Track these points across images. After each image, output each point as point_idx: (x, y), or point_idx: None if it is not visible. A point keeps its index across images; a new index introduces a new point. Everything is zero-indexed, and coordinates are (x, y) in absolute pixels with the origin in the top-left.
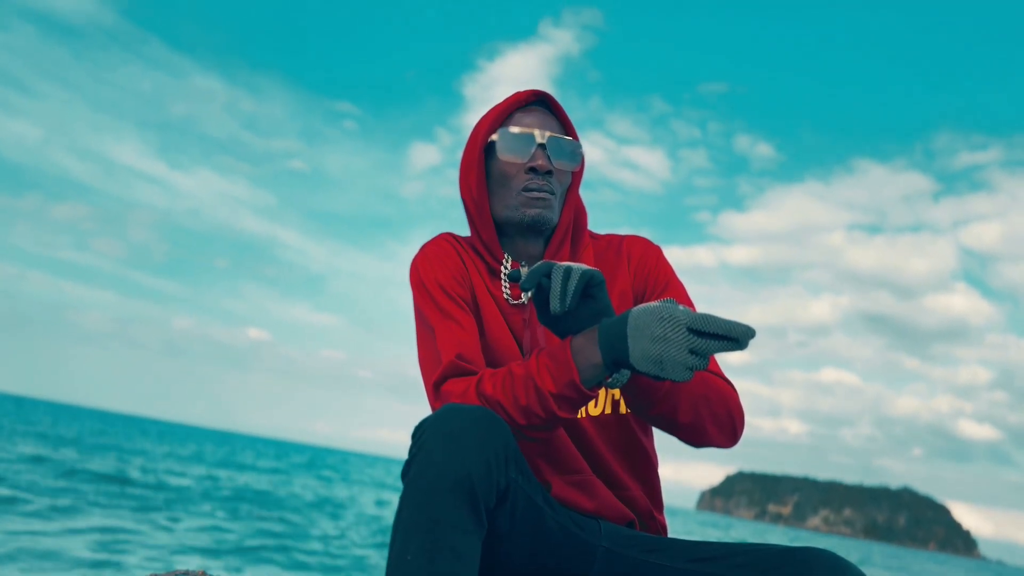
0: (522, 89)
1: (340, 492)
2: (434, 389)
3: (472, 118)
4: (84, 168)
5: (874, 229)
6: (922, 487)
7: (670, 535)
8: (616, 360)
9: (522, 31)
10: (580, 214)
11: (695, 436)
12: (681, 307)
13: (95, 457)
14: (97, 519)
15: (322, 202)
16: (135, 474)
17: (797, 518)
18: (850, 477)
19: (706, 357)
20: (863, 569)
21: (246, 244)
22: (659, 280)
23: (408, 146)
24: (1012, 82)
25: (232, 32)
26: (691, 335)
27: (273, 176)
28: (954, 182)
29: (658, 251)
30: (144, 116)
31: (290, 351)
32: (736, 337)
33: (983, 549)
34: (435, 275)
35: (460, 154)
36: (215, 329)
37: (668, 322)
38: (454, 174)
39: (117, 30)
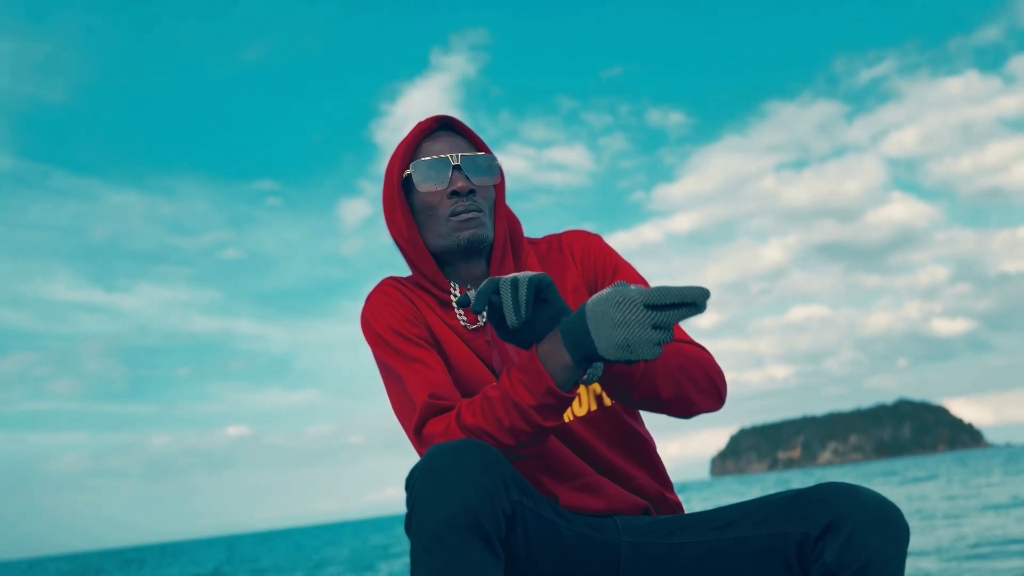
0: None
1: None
2: (416, 435)
3: None
4: (22, 316)
5: (801, 164)
6: (916, 394)
7: (687, 511)
8: (585, 356)
9: (415, 66)
10: (513, 224)
11: (682, 408)
12: (633, 287)
13: None
14: None
15: (267, 284)
16: None
17: (808, 458)
18: (847, 404)
19: (670, 329)
20: (896, 491)
21: (203, 346)
22: (607, 266)
23: (336, 206)
24: None
25: (133, 142)
26: (650, 311)
27: (212, 272)
28: (862, 100)
29: (598, 239)
30: (68, 248)
31: (274, 438)
32: (693, 301)
33: (989, 437)
34: (387, 322)
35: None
36: (194, 438)
37: (624, 305)
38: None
39: (18, 172)
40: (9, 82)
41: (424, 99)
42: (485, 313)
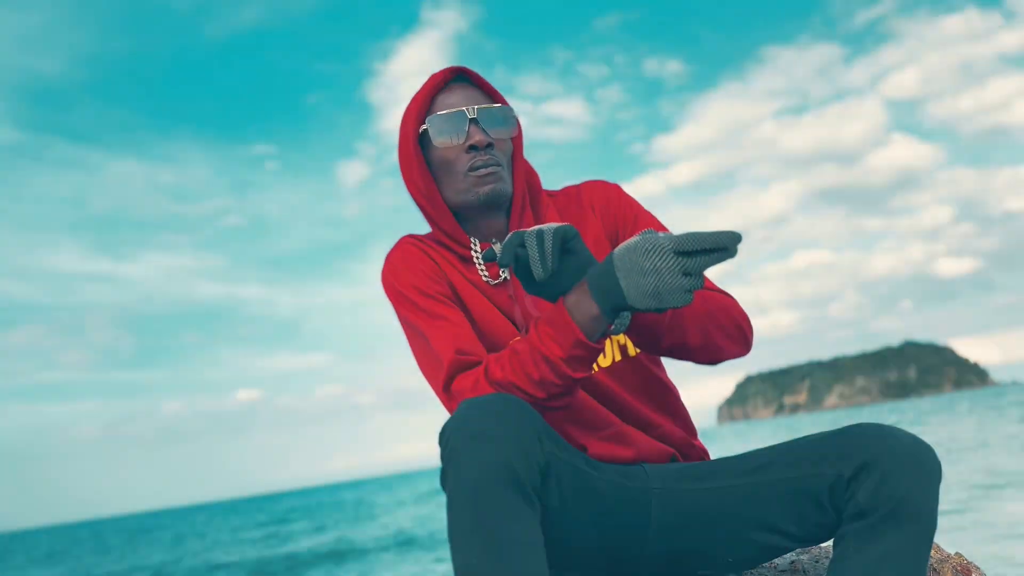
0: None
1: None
2: (444, 391)
3: (386, 123)
4: (28, 288)
5: (800, 109)
6: (922, 335)
7: (712, 457)
8: (614, 306)
9: (407, 23)
10: (532, 177)
11: (710, 355)
12: (661, 234)
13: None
14: None
15: (271, 248)
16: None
17: (814, 402)
18: (852, 348)
19: (701, 275)
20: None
21: (210, 312)
22: (627, 216)
23: (334, 168)
24: None
25: (131, 109)
26: (680, 258)
27: (216, 238)
28: (860, 42)
29: (617, 189)
30: (71, 219)
31: (285, 400)
32: (724, 245)
33: (995, 375)
34: (409, 280)
35: (395, 155)
36: (205, 403)
37: (654, 252)
38: (387, 183)
39: (19, 144)
40: (5, 54)
41: (417, 57)
42: (511, 266)
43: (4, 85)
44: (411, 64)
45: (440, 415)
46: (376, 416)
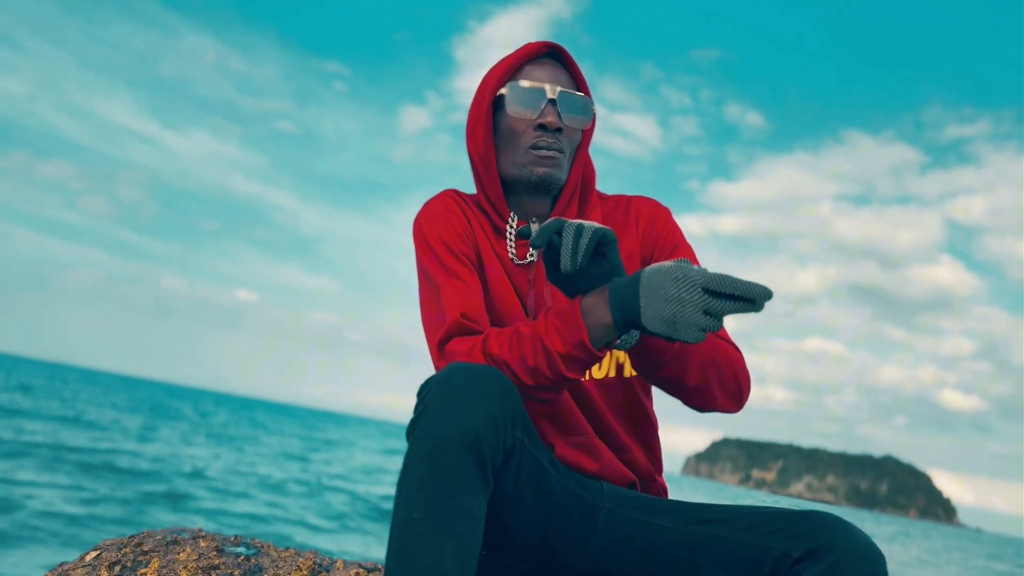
0: (530, 42)
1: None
2: (438, 348)
3: (463, 82)
4: (73, 126)
5: (862, 200)
6: (905, 455)
7: (670, 498)
8: (627, 321)
9: None
10: (589, 173)
11: (701, 400)
12: (696, 267)
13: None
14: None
15: (315, 164)
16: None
17: (781, 484)
18: (834, 445)
19: (720, 319)
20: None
21: (237, 205)
22: (667, 242)
23: (398, 109)
24: (1002, 55)
25: None
26: (706, 295)
27: (265, 137)
28: (942, 155)
29: (667, 213)
30: (135, 75)
31: (279, 313)
32: (752, 298)
33: (963, 516)
34: (440, 232)
35: (460, 115)
36: (203, 290)
37: (682, 283)
38: (444, 139)
39: None
40: None
41: (511, 27)
42: (541, 250)
43: None
44: (503, 32)
45: (423, 374)
46: (360, 356)
